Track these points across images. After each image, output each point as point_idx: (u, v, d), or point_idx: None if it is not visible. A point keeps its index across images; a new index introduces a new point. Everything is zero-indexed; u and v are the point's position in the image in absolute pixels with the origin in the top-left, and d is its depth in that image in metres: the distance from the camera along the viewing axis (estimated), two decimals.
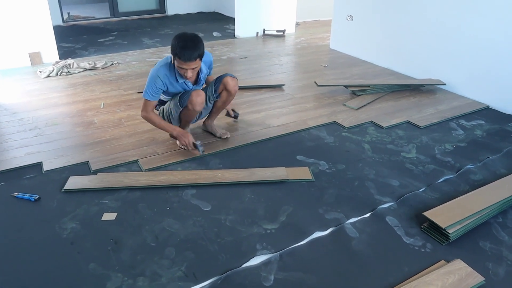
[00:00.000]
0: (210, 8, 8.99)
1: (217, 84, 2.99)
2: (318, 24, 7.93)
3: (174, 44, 2.61)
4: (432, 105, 3.94)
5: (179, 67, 2.67)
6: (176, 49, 2.58)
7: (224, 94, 3.03)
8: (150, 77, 2.78)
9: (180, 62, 2.62)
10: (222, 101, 3.09)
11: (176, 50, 2.59)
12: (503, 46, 3.77)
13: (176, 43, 2.60)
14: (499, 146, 3.19)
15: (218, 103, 3.11)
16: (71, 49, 5.72)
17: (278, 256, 2.04)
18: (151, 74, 2.78)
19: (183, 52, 2.57)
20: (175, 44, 2.60)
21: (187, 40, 2.59)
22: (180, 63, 2.62)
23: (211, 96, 3.01)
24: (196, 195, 2.50)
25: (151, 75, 2.77)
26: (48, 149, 2.99)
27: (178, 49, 2.57)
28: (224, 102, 3.10)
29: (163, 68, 2.77)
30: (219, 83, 2.99)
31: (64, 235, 2.15)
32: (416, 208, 2.42)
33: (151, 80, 2.77)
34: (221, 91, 3.02)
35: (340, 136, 3.30)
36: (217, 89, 3.00)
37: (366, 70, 5.04)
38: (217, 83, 2.99)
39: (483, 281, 1.88)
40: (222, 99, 3.07)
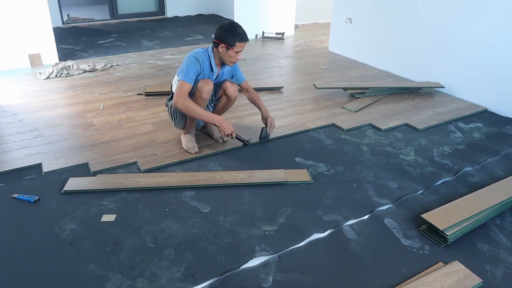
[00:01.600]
0: (209, 11, 9.00)
1: (216, 88, 3.03)
2: (317, 27, 7.95)
3: (229, 30, 2.73)
4: (430, 108, 3.96)
5: (234, 53, 2.78)
6: (236, 35, 2.74)
7: (223, 99, 3.08)
8: (189, 60, 2.80)
9: (240, 45, 2.77)
10: (222, 105, 3.14)
11: (235, 35, 2.73)
12: (501, 49, 3.79)
13: (230, 29, 2.74)
14: (497, 148, 3.20)
15: (218, 107, 3.16)
16: (71, 51, 5.73)
17: (277, 257, 2.04)
18: (190, 58, 2.81)
19: (241, 33, 2.75)
20: (233, 30, 2.74)
21: (237, 25, 2.78)
22: (240, 46, 2.77)
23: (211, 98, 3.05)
24: (195, 196, 2.51)
25: (190, 59, 2.80)
26: (47, 150, 3.00)
27: (239, 33, 2.74)
28: (224, 106, 3.15)
29: (202, 54, 2.84)
30: (218, 87, 3.03)
31: (63, 236, 2.15)
32: (414, 210, 2.43)
33: (191, 62, 2.79)
34: (221, 95, 3.08)
35: (338, 138, 3.31)
36: (216, 93, 3.06)
37: (364, 72, 5.05)
38: (217, 87, 3.03)
39: (481, 283, 1.89)
40: (221, 103, 3.11)
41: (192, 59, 2.80)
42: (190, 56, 2.82)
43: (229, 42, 2.74)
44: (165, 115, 3.62)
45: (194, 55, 2.82)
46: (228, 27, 2.76)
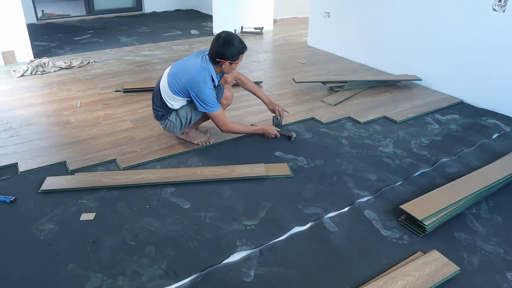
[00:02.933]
0: (187, 6, 8.93)
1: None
2: (296, 21, 7.96)
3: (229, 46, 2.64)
4: (408, 100, 4.01)
5: (235, 64, 2.75)
6: (237, 49, 2.67)
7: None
8: (205, 88, 2.70)
9: (241, 57, 2.74)
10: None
11: (237, 50, 2.67)
12: (476, 43, 3.86)
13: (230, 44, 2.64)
14: (473, 139, 3.27)
15: None
16: (46, 48, 5.61)
17: (258, 251, 2.05)
18: (204, 86, 2.69)
19: (242, 44, 2.71)
20: (232, 45, 2.64)
21: (233, 37, 2.69)
22: (240, 57, 2.74)
23: None
24: (175, 193, 2.49)
25: (205, 87, 2.69)
26: (23, 149, 2.93)
27: (239, 46, 2.68)
28: None
29: (208, 78, 2.72)
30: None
31: (41, 237, 2.12)
32: (394, 202, 2.46)
33: (208, 89, 2.71)
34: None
35: (318, 132, 3.33)
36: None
37: (343, 66, 5.09)
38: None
39: (458, 270, 1.93)
40: None
41: (207, 86, 2.70)
42: (202, 85, 2.69)
43: (232, 58, 2.68)
44: (144, 112, 3.59)
45: (204, 82, 2.69)
46: (225, 43, 2.64)
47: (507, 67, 3.67)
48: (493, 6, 3.64)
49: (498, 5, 3.61)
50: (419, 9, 4.33)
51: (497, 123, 3.59)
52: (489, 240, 2.19)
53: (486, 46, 3.79)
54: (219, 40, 2.67)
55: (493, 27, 3.70)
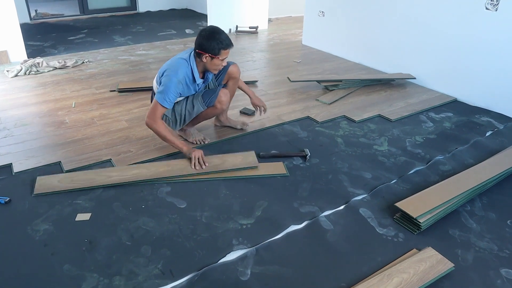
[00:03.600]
0: (182, 5, 8.92)
1: (220, 77, 2.99)
2: (291, 21, 7.97)
3: (211, 38, 2.58)
4: (402, 99, 4.03)
5: (219, 61, 2.66)
6: (220, 43, 2.59)
7: (230, 83, 3.05)
8: (170, 82, 2.61)
9: (225, 52, 2.64)
10: (231, 90, 3.08)
11: (219, 43, 2.59)
12: (470, 41, 3.89)
13: (213, 37, 2.59)
14: (466, 137, 3.29)
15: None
16: (40, 48, 5.59)
17: (254, 250, 2.06)
18: (171, 79, 2.61)
19: (226, 41, 2.62)
20: (215, 38, 2.58)
21: (219, 31, 2.63)
22: (225, 53, 2.65)
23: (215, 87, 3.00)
24: (171, 192, 2.49)
25: (172, 81, 2.61)
26: (18, 150, 2.92)
27: (222, 40, 2.60)
28: (232, 90, 3.10)
29: (182, 71, 2.66)
30: (223, 75, 2.98)
31: (37, 237, 2.11)
32: (389, 199, 2.47)
33: (173, 85, 2.61)
34: (227, 81, 3.04)
35: (313, 130, 3.34)
36: (221, 81, 3.01)
37: (338, 65, 5.10)
38: (221, 76, 2.98)
39: (453, 267, 1.94)
40: (229, 87, 3.06)
41: (174, 82, 2.61)
42: (171, 78, 2.62)
43: (213, 51, 2.60)
44: (139, 112, 3.58)
45: (175, 75, 2.63)
46: (209, 35, 2.59)
47: (500, 65, 3.69)
48: (486, 5, 3.66)
49: (490, 4, 3.63)
50: (413, 8, 4.35)
51: (490, 121, 3.61)
52: (483, 237, 2.20)
53: (479, 45, 3.82)
54: (202, 32, 2.64)
55: (486, 25, 3.72)
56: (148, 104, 3.71)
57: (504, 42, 3.63)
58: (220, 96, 2.86)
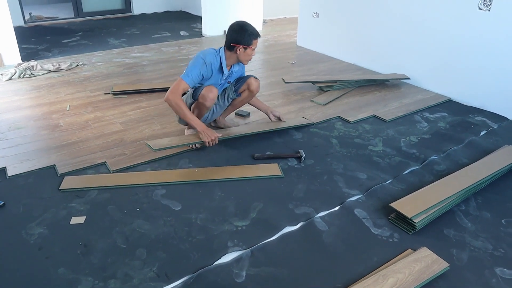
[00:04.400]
0: (176, 7, 8.92)
1: (239, 84, 3.07)
2: (285, 22, 7.99)
3: (242, 31, 2.78)
4: (397, 99, 4.04)
5: (251, 50, 2.83)
6: (251, 34, 2.79)
7: (244, 94, 3.11)
8: (196, 61, 2.79)
9: (256, 42, 2.83)
10: (240, 100, 3.17)
11: (250, 35, 2.78)
12: (464, 41, 3.91)
13: (243, 29, 2.78)
14: (461, 137, 3.30)
15: (236, 101, 3.18)
16: (34, 51, 5.57)
17: (250, 252, 2.05)
18: (198, 59, 2.79)
19: (254, 31, 2.81)
20: (246, 29, 2.78)
21: (247, 24, 2.84)
22: (255, 42, 2.83)
23: (231, 93, 3.08)
24: (166, 195, 2.49)
25: (198, 60, 2.79)
26: (12, 153, 2.91)
27: (253, 31, 2.80)
28: (242, 101, 3.19)
29: (211, 56, 2.83)
30: (241, 83, 3.06)
31: (31, 241, 2.10)
32: (384, 200, 2.48)
33: (198, 64, 2.78)
34: (243, 90, 3.09)
35: (308, 131, 3.34)
36: (238, 88, 3.08)
37: (332, 66, 5.11)
38: (240, 83, 3.07)
39: (448, 267, 1.95)
40: (241, 98, 3.14)
41: (200, 61, 2.78)
42: (198, 58, 2.81)
43: (246, 42, 2.78)
44: (134, 114, 3.58)
45: (202, 57, 2.80)
46: (240, 28, 2.79)
47: (494, 65, 3.71)
48: (479, 5, 3.68)
49: (483, 4, 3.65)
50: (408, 9, 4.37)
51: (484, 120, 3.63)
52: (477, 236, 2.21)
53: (473, 45, 3.84)
54: (233, 26, 2.84)
55: (479, 25, 3.74)
56: (143, 107, 3.73)
57: (497, 42, 3.65)
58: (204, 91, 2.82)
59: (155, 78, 4.54)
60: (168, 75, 4.63)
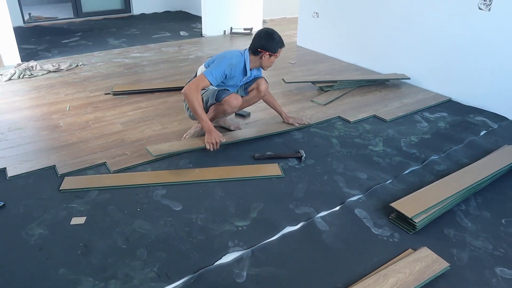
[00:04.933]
0: (176, 7, 8.92)
1: (249, 83, 3.10)
2: (285, 22, 7.99)
3: (270, 39, 2.84)
4: (397, 99, 4.04)
5: (275, 58, 2.91)
6: (278, 42, 2.87)
7: (252, 93, 3.13)
8: (223, 61, 2.83)
9: (279, 51, 2.91)
10: (246, 100, 3.18)
11: (278, 43, 2.86)
12: (463, 41, 3.91)
13: (271, 37, 2.85)
14: (461, 137, 3.30)
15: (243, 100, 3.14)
16: (34, 51, 5.57)
17: (250, 252, 2.05)
18: (224, 59, 2.84)
19: (280, 40, 2.88)
20: (274, 38, 2.85)
21: (274, 32, 2.89)
22: (279, 52, 2.90)
23: (240, 91, 3.11)
24: (167, 195, 2.49)
25: (225, 60, 2.83)
26: (12, 154, 2.91)
27: (279, 40, 2.88)
28: (248, 101, 3.20)
29: (237, 58, 2.88)
30: (252, 82, 3.09)
31: (32, 242, 2.10)
32: (384, 200, 2.48)
33: (224, 64, 2.82)
34: (252, 89, 3.12)
35: (308, 131, 3.34)
36: (248, 87, 3.11)
37: (333, 66, 5.11)
38: (250, 82, 3.10)
39: (448, 266, 1.95)
40: (249, 97, 3.16)
41: (227, 61, 2.83)
42: (226, 57, 2.85)
43: (273, 50, 2.85)
44: (134, 114, 3.58)
45: (230, 58, 2.85)
46: (269, 36, 2.85)
47: (494, 64, 3.71)
48: (479, 5, 3.68)
49: (483, 4, 3.65)
50: (407, 9, 4.37)
51: (485, 120, 3.63)
52: (478, 236, 2.21)
53: (473, 45, 3.84)
54: (261, 33, 2.89)
55: (479, 25, 3.74)
56: (143, 107, 3.73)
57: (497, 42, 3.65)
58: (231, 97, 2.89)
59: (155, 78, 4.54)
60: (168, 75, 4.63)
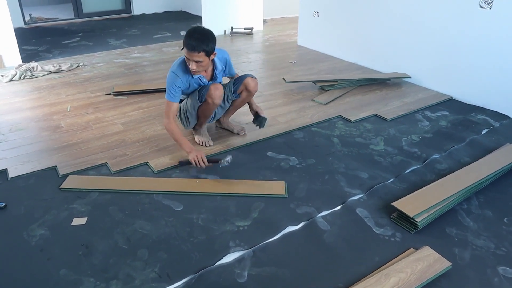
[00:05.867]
0: (177, 7, 8.91)
1: (236, 85, 3.02)
2: (286, 21, 7.98)
3: (186, 34, 2.67)
4: (398, 98, 4.04)
5: (186, 58, 2.70)
6: (184, 38, 2.65)
7: (243, 94, 3.07)
8: (169, 77, 2.80)
9: (185, 52, 2.65)
10: (241, 101, 3.13)
11: (184, 39, 2.65)
12: (464, 39, 3.89)
13: (185, 33, 2.66)
14: (462, 135, 3.30)
15: (237, 102, 3.14)
16: (34, 52, 5.57)
17: (251, 252, 2.05)
18: (170, 74, 2.80)
19: (187, 41, 2.61)
20: (185, 34, 2.66)
21: (196, 31, 2.65)
22: (186, 52, 2.65)
23: (229, 95, 3.04)
24: (167, 195, 2.49)
25: (170, 75, 2.79)
26: (13, 155, 2.91)
27: (185, 38, 2.64)
28: (243, 101, 3.14)
29: (180, 66, 2.81)
30: (239, 84, 3.01)
31: (33, 242, 2.10)
32: (385, 199, 2.47)
33: (171, 79, 2.78)
34: (241, 91, 3.05)
35: (309, 131, 3.34)
36: (236, 89, 3.03)
37: (333, 65, 5.10)
38: (237, 84, 3.01)
39: (450, 266, 1.94)
40: (241, 98, 3.10)
41: (171, 76, 2.78)
42: (170, 73, 2.81)
43: (183, 46, 2.68)
44: (134, 115, 3.58)
45: (171, 71, 2.80)
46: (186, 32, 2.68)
47: (495, 63, 3.70)
48: (480, 3, 3.67)
49: (484, 2, 3.64)
50: (408, 7, 4.36)
51: (486, 118, 3.62)
52: (480, 235, 2.20)
53: (474, 43, 3.83)
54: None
55: (481, 24, 3.73)
56: (144, 107, 3.74)
57: (498, 40, 3.64)
58: (210, 90, 2.80)
59: (155, 79, 4.54)
60: None
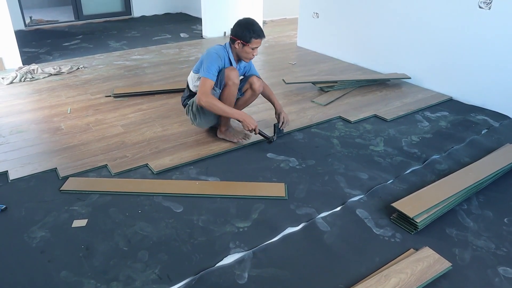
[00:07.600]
0: (176, 9, 8.92)
1: (242, 83, 3.05)
2: (285, 22, 7.99)
3: (245, 27, 2.78)
4: (398, 99, 4.04)
5: (250, 49, 2.82)
6: (252, 31, 2.77)
7: (248, 93, 3.10)
8: (211, 56, 2.82)
9: (256, 42, 2.80)
10: (244, 100, 3.15)
11: (251, 32, 2.77)
12: (464, 39, 3.90)
13: (246, 26, 2.79)
14: (462, 136, 3.30)
15: (240, 101, 3.15)
16: (35, 54, 5.58)
17: (252, 253, 2.05)
18: (212, 54, 2.82)
19: (258, 31, 2.78)
20: (249, 27, 2.78)
21: (253, 22, 2.81)
22: (256, 42, 2.80)
23: None
24: (167, 197, 2.49)
25: (212, 56, 2.82)
26: (13, 157, 2.91)
27: (255, 30, 2.78)
28: (246, 101, 3.17)
29: (221, 50, 2.87)
30: (244, 82, 3.06)
31: (33, 244, 2.10)
32: (385, 200, 2.48)
33: (214, 59, 2.81)
34: (246, 90, 3.08)
35: (309, 132, 3.34)
36: (241, 87, 3.06)
37: (333, 66, 5.11)
38: (243, 82, 3.06)
39: (450, 266, 1.94)
40: (244, 98, 3.13)
41: (214, 55, 2.82)
42: (212, 53, 2.84)
43: (245, 39, 2.78)
44: (134, 116, 3.58)
45: (215, 52, 2.84)
46: (244, 24, 2.80)
47: (495, 63, 3.71)
48: (479, 4, 3.68)
49: (483, 3, 3.65)
50: (408, 8, 4.36)
51: (486, 119, 3.62)
52: (480, 236, 2.21)
53: (473, 43, 3.83)
54: (241, 21, 2.85)
55: (480, 24, 3.73)
56: (144, 109, 3.74)
57: (498, 40, 3.64)
58: (227, 71, 2.83)
59: (156, 80, 4.55)
60: (168, 77, 4.64)
